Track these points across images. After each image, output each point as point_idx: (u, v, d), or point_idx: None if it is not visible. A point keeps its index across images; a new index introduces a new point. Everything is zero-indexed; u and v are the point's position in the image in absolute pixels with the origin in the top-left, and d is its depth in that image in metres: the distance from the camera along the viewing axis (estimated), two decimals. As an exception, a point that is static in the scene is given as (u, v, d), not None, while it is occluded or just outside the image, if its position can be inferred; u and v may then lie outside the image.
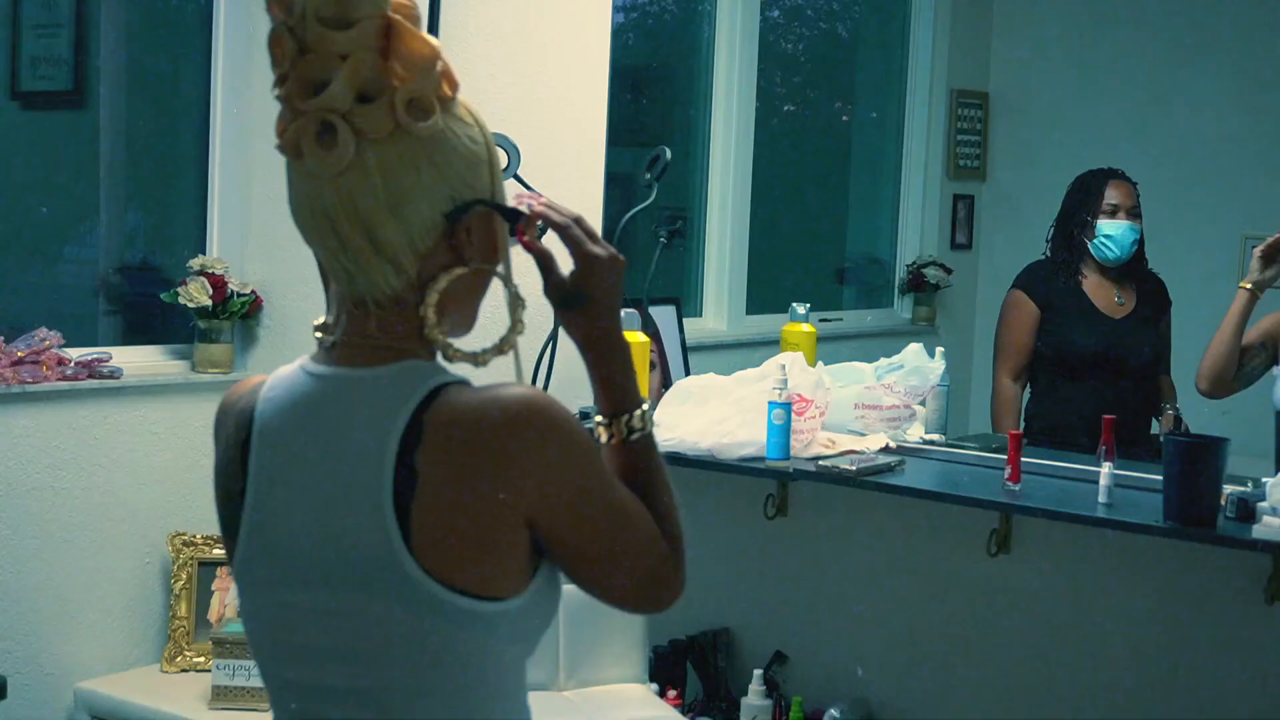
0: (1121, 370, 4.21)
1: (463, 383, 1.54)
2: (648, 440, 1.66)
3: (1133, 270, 4.26)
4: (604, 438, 1.65)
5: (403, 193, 1.52)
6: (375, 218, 1.52)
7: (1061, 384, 4.27)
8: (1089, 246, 4.21)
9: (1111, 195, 4.20)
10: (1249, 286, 3.64)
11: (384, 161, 1.51)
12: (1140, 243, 4.23)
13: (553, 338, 3.71)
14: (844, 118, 6.27)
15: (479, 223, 1.57)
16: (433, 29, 3.97)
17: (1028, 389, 4.34)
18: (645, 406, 1.68)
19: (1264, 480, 2.92)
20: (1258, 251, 3.64)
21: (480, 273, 1.59)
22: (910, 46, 5.84)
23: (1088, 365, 4.20)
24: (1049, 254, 4.31)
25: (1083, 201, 4.24)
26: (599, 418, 1.67)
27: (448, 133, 1.55)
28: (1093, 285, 4.25)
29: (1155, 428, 4.17)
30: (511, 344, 1.62)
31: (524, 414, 1.51)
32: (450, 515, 1.49)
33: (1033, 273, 4.34)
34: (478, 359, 1.59)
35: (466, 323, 1.64)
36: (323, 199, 1.53)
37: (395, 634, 1.50)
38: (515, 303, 1.61)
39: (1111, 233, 4.18)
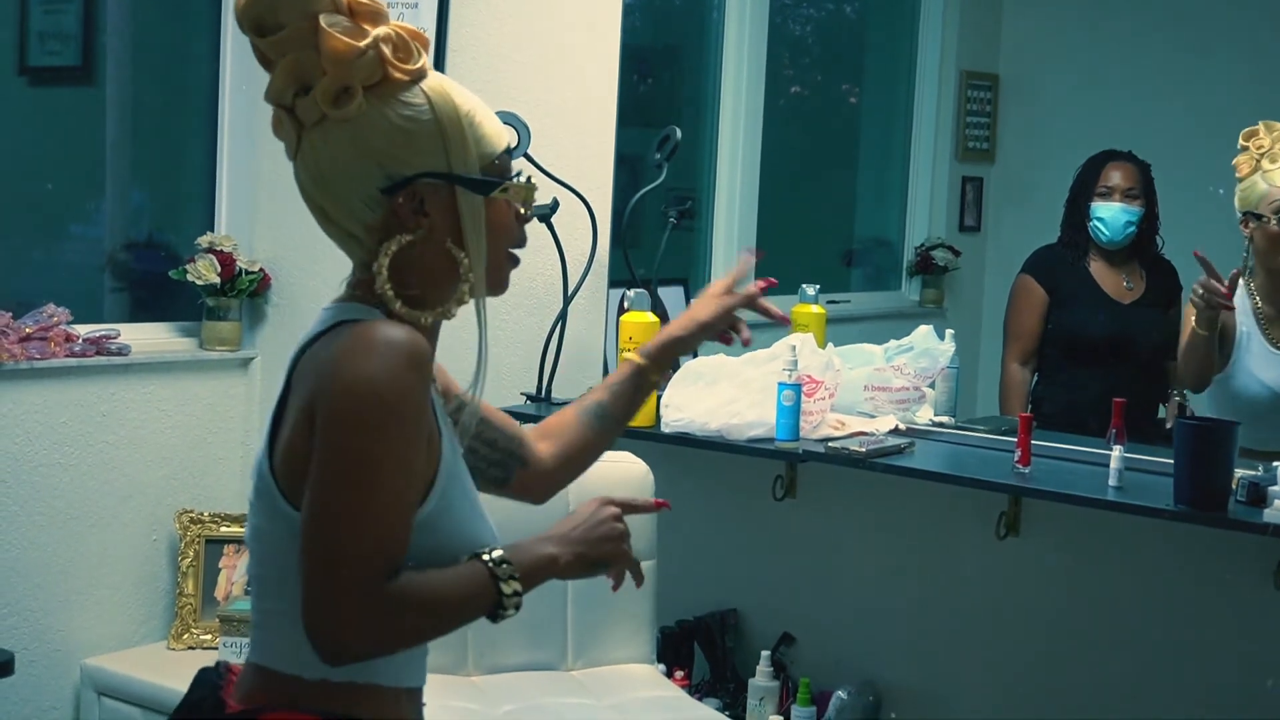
0: (1129, 355, 4.19)
1: (372, 322, 1.67)
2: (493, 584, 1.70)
3: (1140, 255, 4.24)
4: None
5: (333, 172, 1.72)
6: (317, 195, 1.75)
7: (1069, 368, 4.25)
8: (1089, 229, 4.20)
9: (1109, 177, 4.17)
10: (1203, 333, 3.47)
11: (314, 145, 1.73)
12: (1143, 226, 4.21)
13: (561, 318, 3.70)
14: (852, 99, 6.25)
15: (431, 195, 1.71)
16: (442, 12, 3.96)
17: (1035, 373, 4.33)
18: (515, 580, 1.72)
19: (1275, 464, 2.91)
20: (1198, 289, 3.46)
21: (432, 241, 1.72)
22: (920, 28, 5.82)
23: (1095, 350, 4.18)
24: (1059, 237, 4.30)
25: (1082, 183, 4.23)
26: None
27: (374, 114, 1.70)
28: (1100, 270, 4.23)
29: (1162, 413, 4.16)
30: (447, 311, 1.75)
31: (351, 355, 1.62)
32: (288, 432, 1.69)
33: (1041, 257, 4.33)
34: (420, 319, 1.72)
35: (437, 289, 1.75)
36: (295, 179, 1.78)
37: (261, 529, 1.74)
38: (465, 272, 1.72)
39: (1104, 215, 4.16)
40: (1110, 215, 4.16)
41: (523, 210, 1.81)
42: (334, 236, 1.79)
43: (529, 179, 1.82)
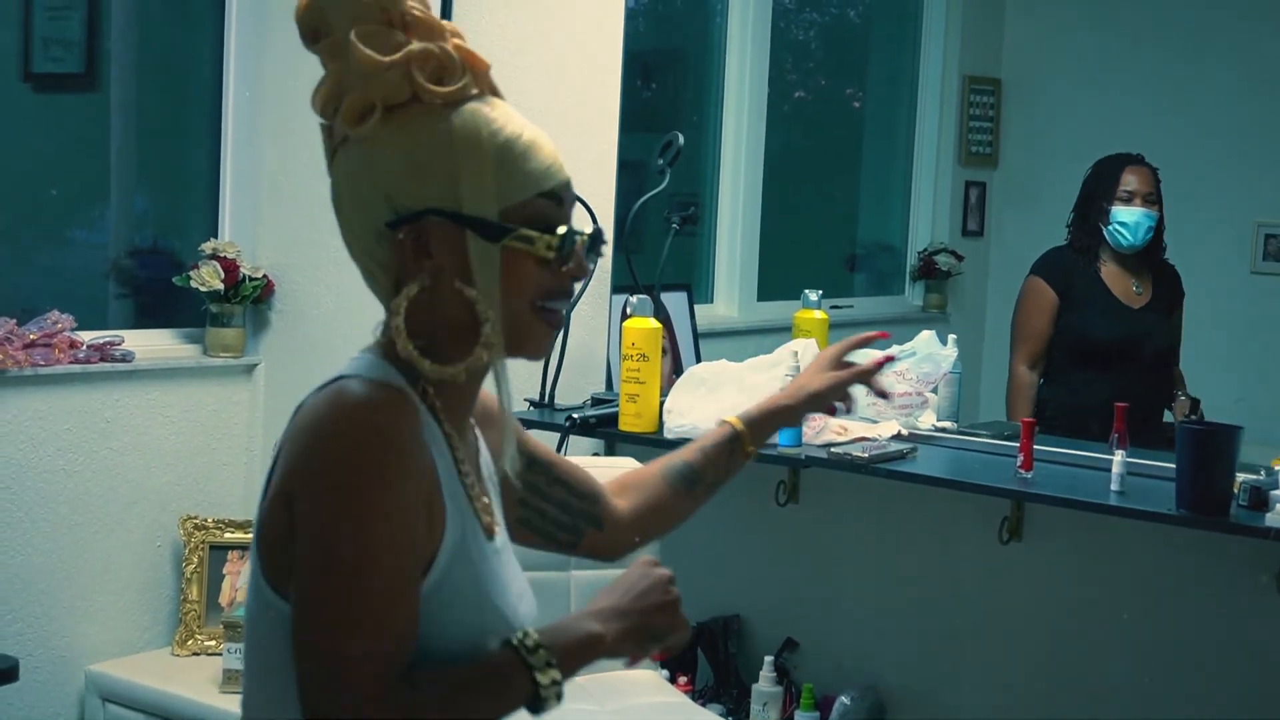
0: (1137, 360, 4.20)
1: (343, 381, 1.48)
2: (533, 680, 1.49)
3: (1150, 259, 4.24)
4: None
5: (346, 197, 1.59)
6: (338, 220, 1.62)
7: (1076, 372, 4.25)
8: (1104, 233, 4.20)
9: (1128, 181, 4.18)
10: None
11: (337, 165, 1.60)
12: (1157, 231, 4.22)
13: (564, 324, 3.69)
14: (855, 104, 6.26)
15: (439, 236, 1.52)
16: (444, 17, 3.96)
17: (1041, 376, 4.33)
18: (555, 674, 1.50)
19: (1277, 468, 2.92)
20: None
21: (440, 288, 1.53)
22: (922, 33, 5.82)
23: (1104, 354, 4.18)
24: (1068, 240, 4.30)
25: (1100, 187, 4.22)
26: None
27: (391, 138, 1.53)
28: (1111, 273, 4.23)
29: (1168, 417, 4.16)
30: (468, 369, 1.54)
31: (315, 423, 1.44)
32: (265, 504, 1.52)
33: (1051, 259, 4.32)
34: (445, 376, 1.53)
35: (459, 342, 1.54)
36: None
37: (250, 610, 1.56)
38: (494, 326, 1.52)
39: (1126, 219, 4.16)
40: (1133, 220, 4.16)
41: (564, 263, 1.55)
42: (360, 270, 1.61)
43: (570, 232, 1.56)
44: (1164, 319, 4.25)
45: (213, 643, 3.98)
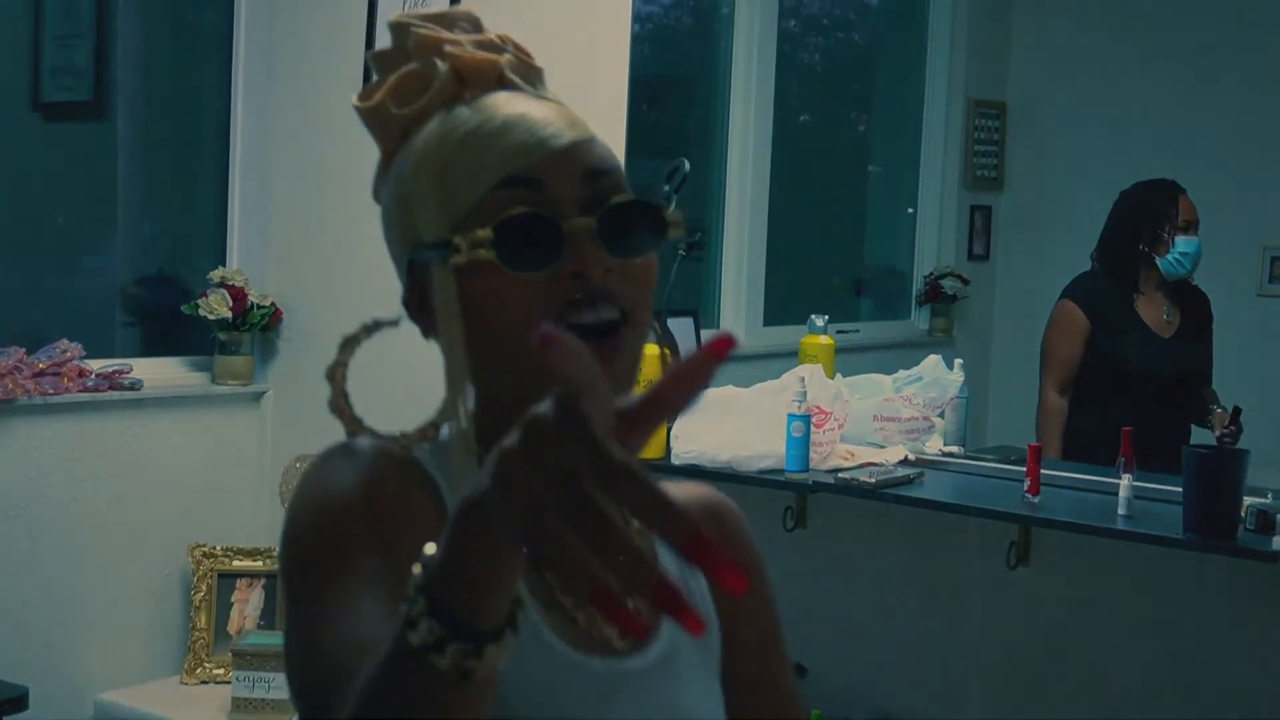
0: (1167, 388, 4.16)
1: (347, 447, 1.26)
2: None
3: (1181, 285, 4.22)
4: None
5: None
6: None
7: (1106, 399, 4.22)
8: (1156, 262, 4.16)
9: (1185, 210, 4.14)
10: None
11: None
12: None
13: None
14: (861, 128, 6.27)
15: (431, 282, 1.26)
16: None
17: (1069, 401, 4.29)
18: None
19: (1283, 492, 2.92)
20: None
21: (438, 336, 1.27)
22: (927, 56, 5.84)
23: (1134, 383, 4.15)
24: (1099, 267, 4.26)
25: (1155, 215, 4.18)
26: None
27: (385, 192, 1.32)
28: (1145, 302, 4.20)
29: (1198, 436, 4.12)
30: (429, 433, 1.26)
31: (303, 479, 1.24)
32: None
33: (1084, 285, 4.29)
34: (397, 441, 1.26)
35: (492, 395, 1.27)
36: None
37: None
38: (451, 376, 1.24)
39: (1187, 249, 4.13)
40: (1193, 249, 4.14)
41: (542, 260, 1.20)
42: None
43: (519, 217, 1.20)
44: (1194, 346, 4.22)
45: (221, 671, 3.98)
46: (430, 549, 0.92)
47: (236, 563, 4.08)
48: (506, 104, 1.26)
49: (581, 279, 1.20)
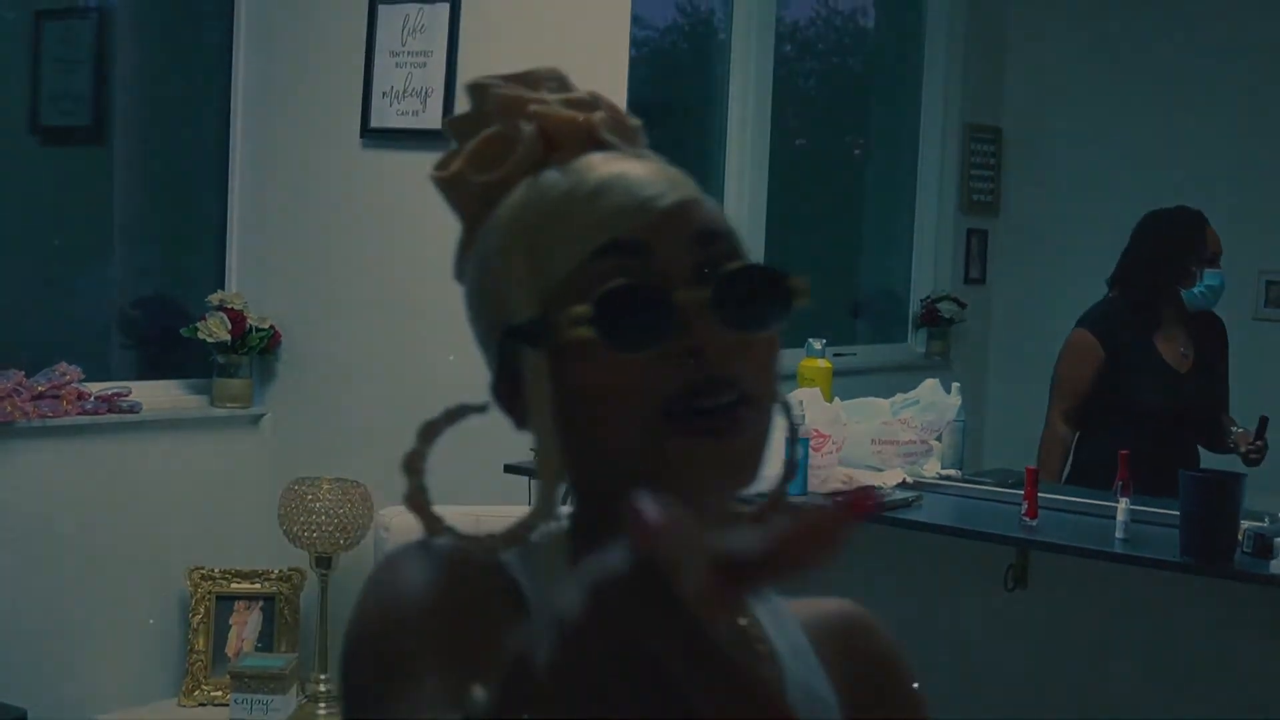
0: (1179, 421, 4.07)
1: (423, 547, 1.09)
2: None
3: (1201, 313, 4.12)
4: None
5: None
6: None
7: (1114, 431, 4.05)
8: (1181, 294, 4.05)
9: (1211, 241, 4.04)
10: None
11: None
12: None
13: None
14: (857, 152, 6.29)
15: (523, 368, 1.09)
16: (450, 69, 3.99)
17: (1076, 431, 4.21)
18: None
19: (1281, 516, 2.93)
20: None
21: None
22: (923, 80, 5.86)
23: (1146, 418, 4.03)
24: (1117, 295, 4.15)
25: (1182, 246, 4.08)
26: None
27: (482, 233, 1.15)
28: (1163, 336, 4.09)
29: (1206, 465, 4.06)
30: (518, 534, 1.09)
31: (372, 580, 1.08)
32: None
33: (1102, 315, 4.17)
34: (481, 543, 1.09)
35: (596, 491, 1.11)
36: None
37: None
38: (545, 471, 1.08)
39: (1213, 281, 4.03)
40: (1219, 282, 4.04)
41: (650, 338, 1.03)
42: None
43: (618, 290, 1.02)
44: (1209, 379, 4.12)
45: (219, 693, 3.98)
46: (479, 692, 0.77)
47: (235, 585, 4.08)
48: (601, 165, 1.11)
49: (695, 358, 1.03)
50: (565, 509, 1.08)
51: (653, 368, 1.02)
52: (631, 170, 1.10)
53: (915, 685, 1.33)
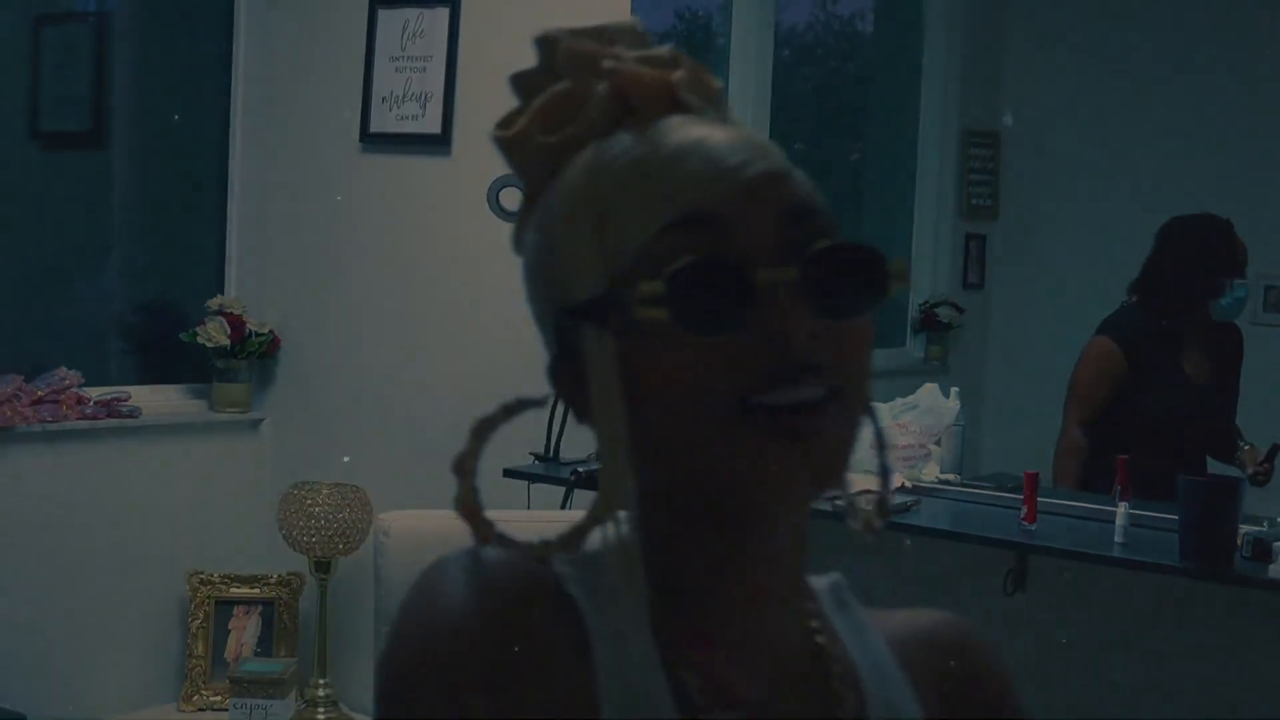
0: (1195, 433, 4.04)
1: (475, 555, 0.99)
2: None
3: (1224, 323, 4.08)
4: None
5: None
6: None
7: (1130, 441, 3.99)
8: (1209, 304, 3.99)
9: (1240, 250, 4.00)
10: None
11: None
12: None
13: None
14: (855, 157, 6.29)
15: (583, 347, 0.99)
16: (450, 73, 3.99)
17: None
18: None
19: (1280, 520, 2.93)
20: None
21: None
22: (922, 86, 5.86)
23: (1166, 429, 3.97)
24: (1140, 302, 4.08)
25: (1215, 255, 4.03)
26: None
27: (544, 200, 1.05)
28: (1185, 345, 4.04)
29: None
30: (574, 540, 1.00)
31: (415, 590, 0.98)
32: None
33: (1126, 322, 4.09)
34: (535, 550, 1.00)
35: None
36: None
37: None
38: (607, 467, 0.97)
39: (1241, 293, 4.01)
40: (1246, 293, 4.00)
41: (726, 320, 0.93)
42: None
43: (694, 263, 0.93)
44: (1226, 391, 4.07)
45: (219, 698, 3.98)
46: None
47: (234, 590, 4.08)
48: (680, 129, 0.99)
49: (778, 345, 0.93)
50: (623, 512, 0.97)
51: (729, 355, 0.92)
52: (713, 136, 0.99)
53: (1017, 707, 1.23)
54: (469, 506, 1.01)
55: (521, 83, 1.08)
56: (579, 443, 3.77)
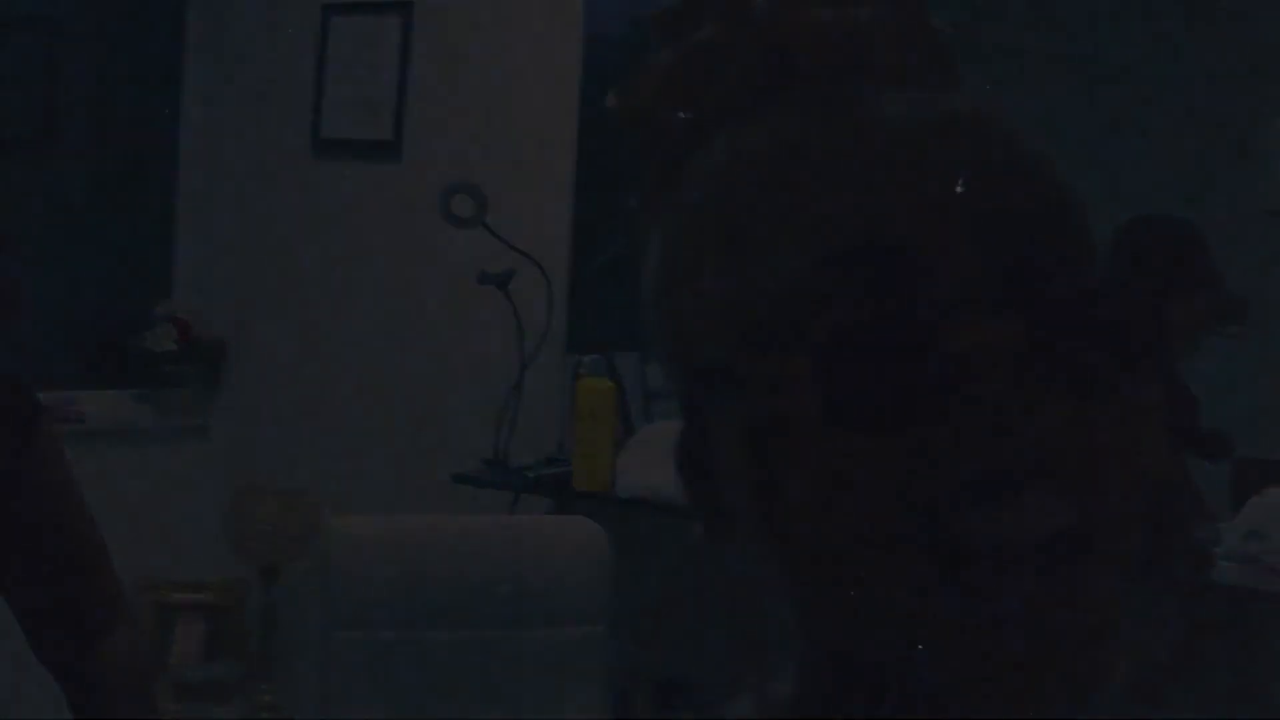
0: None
1: None
2: None
3: None
4: None
5: None
6: None
7: None
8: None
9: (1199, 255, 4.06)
10: None
11: None
12: None
13: (518, 384, 3.68)
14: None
15: None
16: (402, 76, 3.99)
17: None
18: None
19: (1220, 526, 2.96)
20: None
21: None
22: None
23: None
24: None
25: (1174, 261, 4.10)
26: None
27: (668, 203, 0.74)
28: None
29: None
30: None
31: None
32: None
33: None
34: None
35: None
36: None
37: None
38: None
39: None
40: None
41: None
42: None
43: (889, 310, 0.61)
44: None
45: (163, 705, 3.96)
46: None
47: (179, 595, 4.05)
48: (862, 111, 0.66)
49: (993, 447, 0.58)
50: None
51: (917, 462, 0.59)
52: (909, 124, 0.65)
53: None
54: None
55: (660, 24, 0.73)
56: (528, 448, 3.77)
